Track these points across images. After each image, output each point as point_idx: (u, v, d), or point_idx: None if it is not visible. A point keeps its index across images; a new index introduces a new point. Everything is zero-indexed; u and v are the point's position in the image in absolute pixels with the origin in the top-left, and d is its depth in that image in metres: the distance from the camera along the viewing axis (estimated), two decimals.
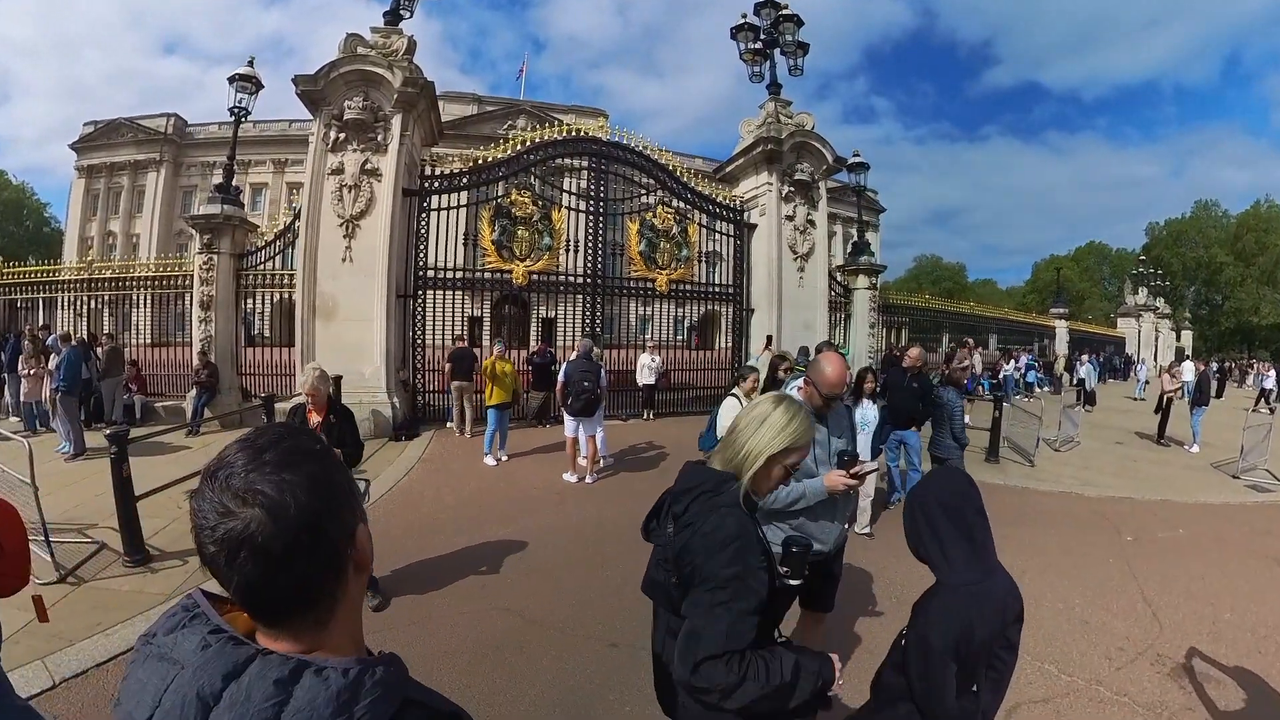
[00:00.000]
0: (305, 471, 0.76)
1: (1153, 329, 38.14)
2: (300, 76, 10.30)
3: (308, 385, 4.26)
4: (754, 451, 1.75)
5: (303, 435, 0.83)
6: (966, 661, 1.76)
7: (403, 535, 5.73)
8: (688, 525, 1.67)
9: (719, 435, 5.58)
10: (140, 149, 48.26)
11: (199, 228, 11.40)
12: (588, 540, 5.79)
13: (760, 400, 1.88)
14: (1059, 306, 30.91)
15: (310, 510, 0.74)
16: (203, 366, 10.98)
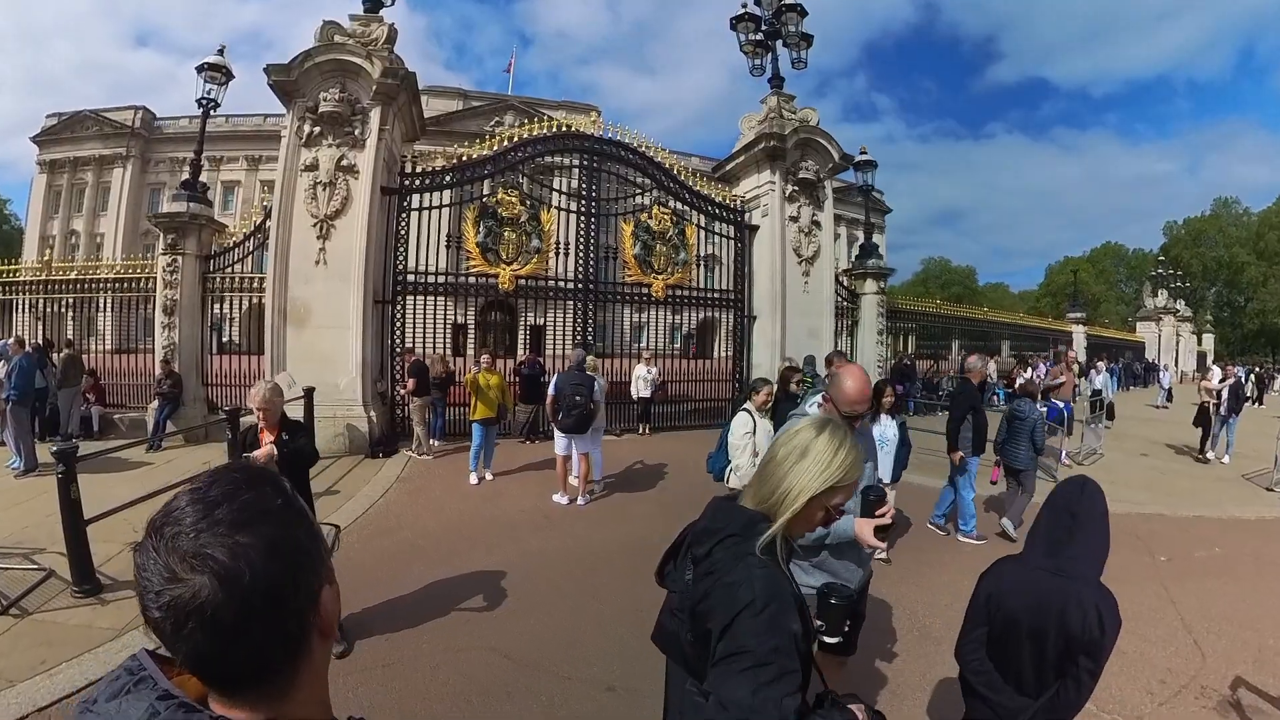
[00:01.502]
0: (263, 533, 0.72)
1: (1173, 333, 38.21)
2: (273, 66, 10.14)
3: (259, 399, 4.00)
4: (793, 490, 1.53)
5: (263, 487, 0.78)
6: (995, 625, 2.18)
7: (377, 565, 5.53)
8: (709, 573, 1.50)
9: (730, 455, 5.50)
10: (106, 143, 47.98)
11: (163, 227, 11.19)
12: (580, 570, 5.61)
13: (800, 426, 1.65)
14: (1076, 310, 30.92)
15: (267, 577, 0.71)
16: (165, 376, 10.77)
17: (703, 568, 1.53)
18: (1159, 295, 38.52)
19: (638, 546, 6.14)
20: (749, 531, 1.51)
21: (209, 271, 11.40)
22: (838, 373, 2.82)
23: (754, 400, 5.54)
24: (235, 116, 48.30)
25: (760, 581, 1.41)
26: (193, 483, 0.77)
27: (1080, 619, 2.00)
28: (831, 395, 2.77)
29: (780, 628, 1.37)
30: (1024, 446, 6.84)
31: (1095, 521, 2.12)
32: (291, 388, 9.66)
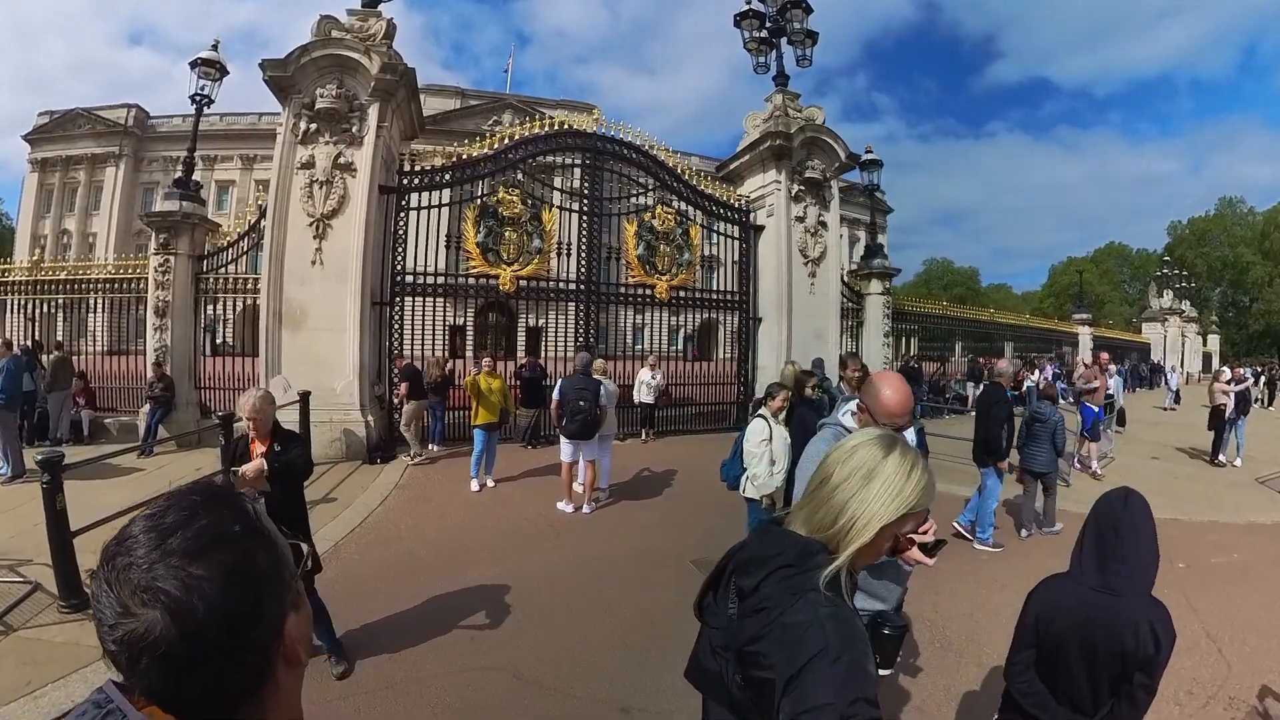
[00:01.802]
0: (219, 562, 0.70)
1: (1179, 334, 38.14)
2: (268, 61, 9.99)
3: (248, 408, 3.82)
4: (860, 518, 1.34)
5: (221, 510, 0.75)
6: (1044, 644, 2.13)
7: (376, 577, 5.37)
8: (760, 610, 1.32)
9: (746, 464, 5.37)
10: (99, 142, 47.81)
11: (155, 226, 11.02)
12: (588, 581, 5.46)
13: (861, 442, 1.45)
14: (1081, 311, 30.80)
15: (224, 610, 0.68)
16: (157, 379, 10.61)
17: (751, 603, 1.35)
18: (1164, 296, 38.44)
19: (647, 556, 6.02)
20: (805, 562, 1.32)
21: (202, 272, 11.22)
22: (875, 381, 2.63)
23: (769, 406, 5.41)
24: (230, 115, 48.17)
25: (832, 624, 1.23)
26: (149, 507, 0.75)
27: (1134, 637, 1.98)
28: (867, 405, 2.58)
29: (862, 677, 1.21)
30: (1045, 449, 6.88)
31: (1143, 535, 2.08)
32: (287, 392, 9.54)
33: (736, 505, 7.09)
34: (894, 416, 2.52)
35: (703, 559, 5.91)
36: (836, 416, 2.78)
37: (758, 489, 5.24)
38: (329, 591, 5.04)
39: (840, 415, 2.77)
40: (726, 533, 6.74)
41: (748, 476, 5.26)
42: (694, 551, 6.10)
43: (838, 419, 2.74)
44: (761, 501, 5.28)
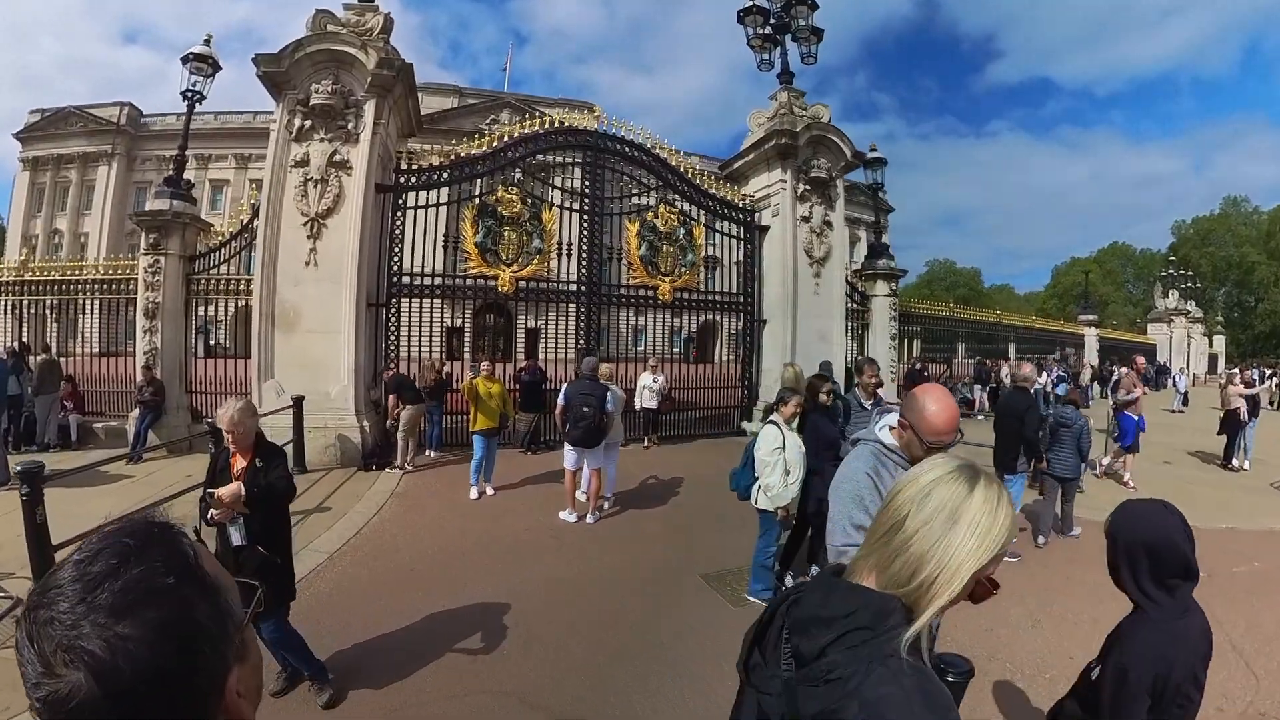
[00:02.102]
0: (149, 620, 0.64)
1: (1184, 335, 38.03)
2: (262, 56, 9.80)
3: (227, 420, 3.58)
4: (946, 568, 1.13)
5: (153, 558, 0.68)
6: (1160, 700, 1.89)
7: (370, 593, 5.17)
8: (830, 680, 1.11)
9: (758, 473, 5.19)
10: (91, 140, 47.55)
11: (145, 225, 10.81)
12: (594, 596, 5.27)
13: (937, 477, 1.21)
14: (1087, 312, 30.64)
15: (154, 672, 0.63)
16: (146, 383, 10.40)
17: (817, 671, 1.13)
18: (1170, 296, 38.34)
19: (655, 570, 5.84)
20: (882, 624, 1.11)
21: (193, 273, 11.03)
22: (919, 396, 2.39)
23: (781, 412, 5.22)
24: (224, 114, 48.09)
25: (920, 697, 1.05)
26: (79, 550, 0.69)
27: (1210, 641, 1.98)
28: (910, 422, 2.35)
29: None
30: (1070, 453, 6.86)
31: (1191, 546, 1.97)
32: (280, 396, 9.36)
33: (746, 515, 6.90)
34: (940, 435, 2.30)
35: (713, 572, 5.74)
36: (874, 431, 2.56)
37: (772, 500, 5.05)
38: (322, 606, 4.89)
39: (877, 431, 2.56)
40: (737, 544, 6.58)
41: (760, 487, 5.08)
42: (704, 564, 5.93)
43: (875, 435, 2.53)
44: (776, 514, 5.10)
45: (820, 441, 5.49)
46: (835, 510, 2.41)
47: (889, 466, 2.42)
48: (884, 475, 2.38)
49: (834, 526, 2.39)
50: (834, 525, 2.40)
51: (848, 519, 2.34)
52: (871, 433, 2.56)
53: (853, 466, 2.47)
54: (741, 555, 6.08)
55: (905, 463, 2.37)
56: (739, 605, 5.14)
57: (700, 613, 4.98)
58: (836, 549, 2.33)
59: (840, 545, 2.31)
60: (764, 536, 5.18)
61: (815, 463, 5.36)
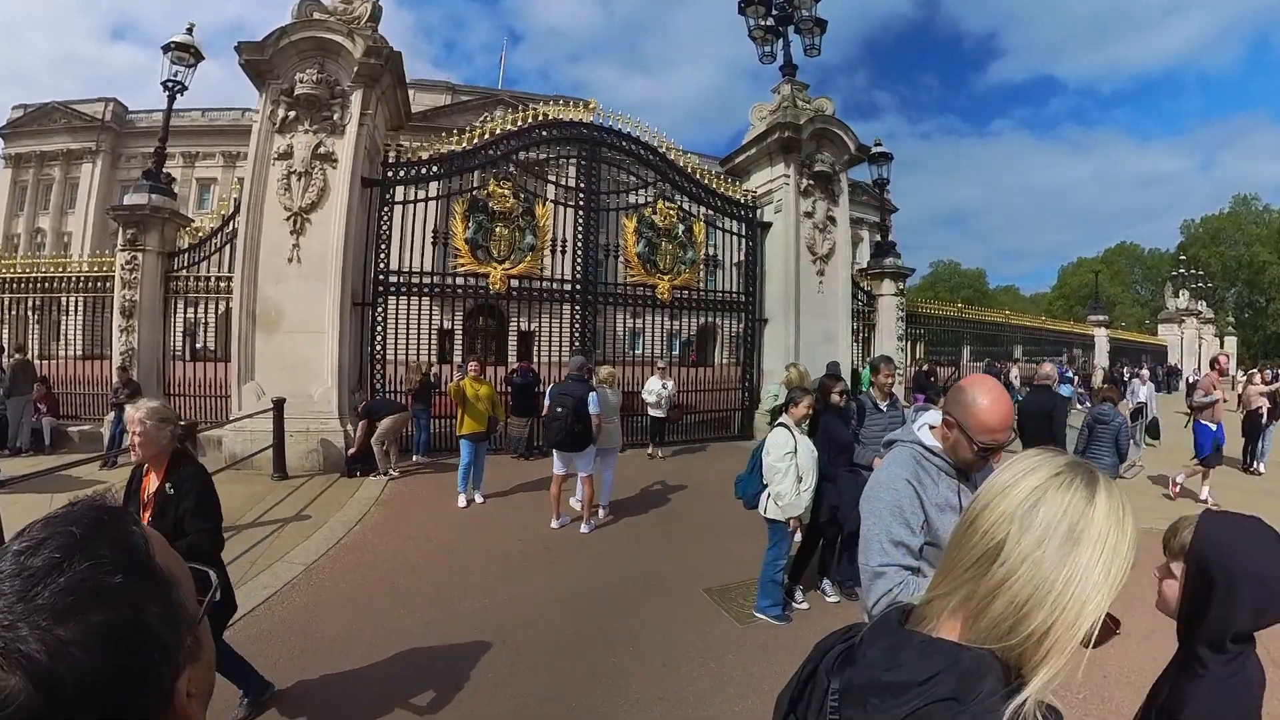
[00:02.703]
0: (93, 624, 0.60)
1: (1195, 335, 37.86)
2: (245, 44, 9.57)
3: (132, 421, 3.05)
4: (1071, 605, 0.81)
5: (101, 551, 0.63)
6: None
7: (350, 610, 4.88)
8: None
9: (768, 480, 4.89)
10: (75, 137, 47.33)
11: (122, 221, 10.57)
12: (589, 612, 5.01)
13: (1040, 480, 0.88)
14: (1097, 313, 30.45)
15: (98, 678, 0.59)
16: (122, 385, 10.13)
17: None
18: (1180, 296, 38.18)
19: (655, 583, 5.58)
20: (973, 692, 0.80)
21: (172, 270, 10.78)
22: (968, 389, 2.08)
23: (791, 414, 4.95)
24: (212, 111, 47.95)
25: None
26: (21, 538, 0.63)
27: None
28: (957, 418, 2.05)
29: None
30: (1107, 452, 6.77)
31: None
32: (261, 398, 9.11)
33: (749, 525, 6.68)
34: (994, 433, 2.00)
35: (717, 587, 5.49)
36: (912, 432, 2.28)
37: (783, 510, 4.79)
38: (295, 623, 4.63)
39: (917, 430, 2.29)
40: (741, 556, 6.31)
41: (771, 495, 4.82)
42: (706, 578, 5.67)
43: (915, 436, 2.25)
44: (788, 524, 4.85)
45: (834, 445, 5.26)
46: (870, 524, 2.10)
47: (931, 472, 2.15)
48: (926, 482, 2.11)
49: (868, 543, 2.07)
50: (868, 542, 2.08)
51: (885, 534, 2.04)
52: (910, 433, 2.27)
53: (890, 473, 2.17)
54: (746, 567, 5.83)
55: (949, 468, 2.13)
56: (746, 623, 4.89)
57: (704, 632, 4.72)
58: (872, 570, 2.02)
59: (876, 565, 2.01)
60: (774, 548, 4.92)
61: (828, 468, 5.13)
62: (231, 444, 9.13)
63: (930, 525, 2.05)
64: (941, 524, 2.04)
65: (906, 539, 2.00)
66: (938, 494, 2.09)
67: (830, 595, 5.42)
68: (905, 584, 1.92)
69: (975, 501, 0.93)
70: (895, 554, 1.98)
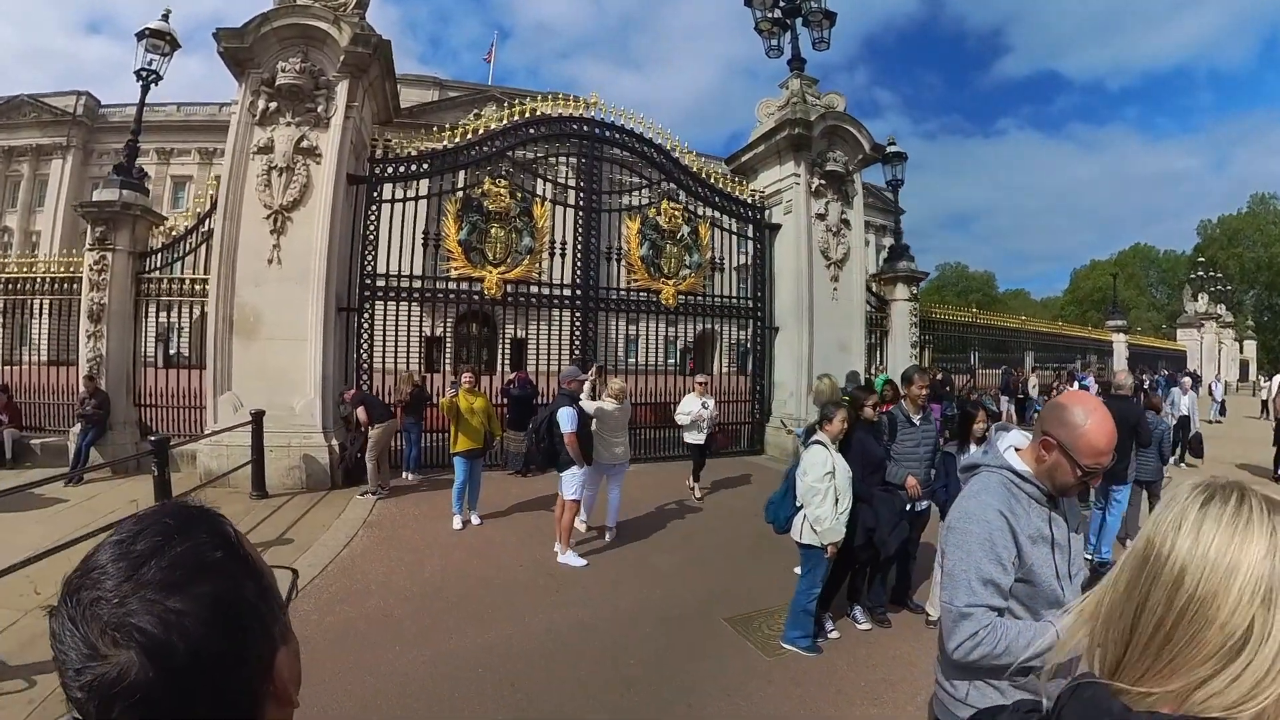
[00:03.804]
0: (200, 595, 0.66)
1: (1215, 340, 37.84)
2: (224, 30, 9.33)
3: None
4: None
5: (199, 534, 0.71)
6: None
7: (337, 647, 4.60)
8: None
9: (804, 502, 4.64)
10: (44, 131, 46.84)
11: (91, 218, 10.26)
12: (601, 647, 4.77)
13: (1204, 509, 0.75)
14: (1115, 318, 30.35)
15: (207, 648, 0.64)
16: (89, 395, 9.84)
17: None
18: (1200, 299, 38.18)
19: (669, 613, 5.34)
20: None
21: (144, 271, 10.49)
22: (1069, 406, 1.95)
23: (827, 430, 4.76)
24: (188, 105, 47.61)
25: None
26: (116, 531, 0.70)
27: None
28: (1059, 438, 1.91)
29: None
30: (1152, 457, 7.17)
31: None
32: (238, 411, 8.82)
33: (766, 544, 6.49)
34: (1101, 456, 1.89)
35: (739, 615, 5.26)
36: (999, 455, 2.08)
37: (822, 535, 4.57)
38: None
39: (1004, 451, 2.08)
40: (762, 580, 6.05)
41: (809, 520, 4.59)
42: (726, 605, 5.45)
43: (1004, 460, 2.05)
44: (825, 550, 4.62)
45: (868, 463, 5.07)
46: (958, 559, 1.95)
47: (1022, 501, 1.99)
48: (1018, 512, 1.96)
49: (955, 581, 1.94)
50: (955, 579, 1.94)
51: (974, 571, 1.90)
52: (997, 457, 2.08)
53: (981, 502, 1.99)
54: (769, 593, 5.64)
55: (1043, 495, 1.98)
56: (773, 655, 4.66)
57: (729, 666, 4.50)
58: (958, 610, 1.89)
59: (963, 605, 1.88)
60: (808, 576, 4.71)
61: (862, 488, 4.92)
62: (207, 460, 8.84)
63: (1023, 560, 1.93)
64: (1034, 557, 1.94)
65: (997, 577, 1.90)
66: (1030, 524, 1.96)
67: (862, 623, 5.23)
68: (993, 627, 1.85)
69: (1184, 577, 0.73)
70: (984, 593, 1.89)
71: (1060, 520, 2.03)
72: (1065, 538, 2.04)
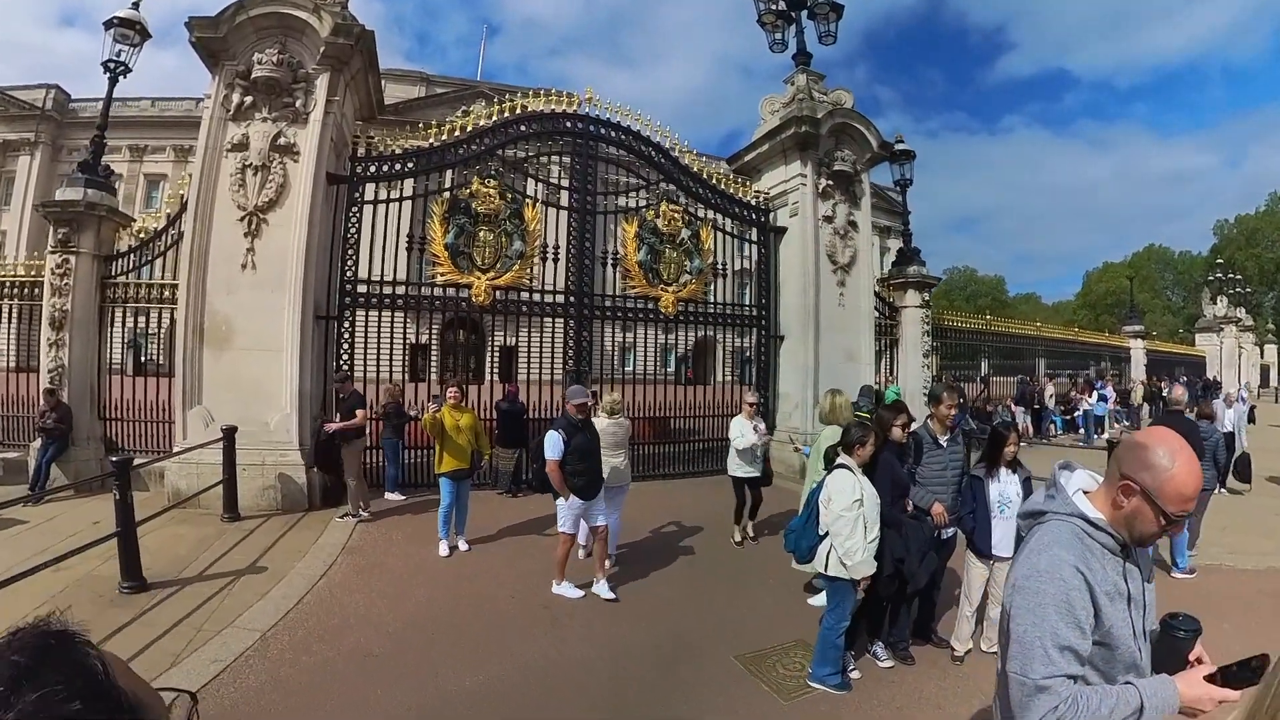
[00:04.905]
0: None
1: (1235, 345, 37.80)
2: (197, 19, 9.11)
3: None
4: None
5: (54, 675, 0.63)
6: None
7: (314, 693, 4.37)
8: None
9: (829, 530, 4.47)
10: (12, 126, 46.52)
11: (54, 218, 10.02)
12: (602, 689, 4.57)
13: None
14: (1133, 323, 30.30)
15: None
16: (50, 408, 9.57)
17: None
18: (1219, 302, 38.19)
19: (676, 649, 5.15)
20: None
21: (109, 275, 10.25)
22: (1152, 445, 1.80)
23: (858, 454, 4.60)
24: (163, 100, 47.37)
25: None
26: None
27: None
28: (1141, 482, 1.77)
29: None
30: (1208, 465, 7.30)
31: None
32: (209, 426, 8.58)
33: (772, 570, 6.29)
34: (1189, 502, 1.76)
35: (750, 653, 5.05)
36: (1070, 500, 1.92)
37: (852, 569, 4.40)
38: (255, 709, 4.13)
39: (1073, 496, 1.92)
40: (772, 613, 5.85)
41: (839, 552, 4.41)
42: (736, 641, 5.25)
43: (1076, 506, 1.89)
44: (856, 584, 4.44)
45: (896, 488, 4.90)
46: (1030, 624, 1.76)
47: (1096, 552, 1.83)
48: (1094, 567, 1.79)
49: (1028, 649, 1.75)
50: (1028, 647, 1.75)
51: (1050, 638, 1.72)
52: (1067, 503, 1.91)
53: (1054, 557, 1.81)
54: (782, 627, 5.49)
55: (1117, 546, 1.84)
56: (791, 697, 4.47)
57: (742, 710, 4.30)
58: (1034, 683, 1.71)
59: (1040, 678, 1.70)
60: (836, 610, 4.54)
61: (891, 514, 4.76)
62: (176, 479, 8.59)
63: (1100, 620, 1.78)
64: (1113, 617, 1.79)
65: (1075, 643, 1.73)
66: (1105, 579, 1.81)
67: (883, 660, 5.04)
68: (1074, 700, 1.68)
69: None
70: (1061, 662, 1.72)
71: (1135, 571, 1.89)
72: (1140, 591, 1.89)
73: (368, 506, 8.75)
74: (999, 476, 5.00)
